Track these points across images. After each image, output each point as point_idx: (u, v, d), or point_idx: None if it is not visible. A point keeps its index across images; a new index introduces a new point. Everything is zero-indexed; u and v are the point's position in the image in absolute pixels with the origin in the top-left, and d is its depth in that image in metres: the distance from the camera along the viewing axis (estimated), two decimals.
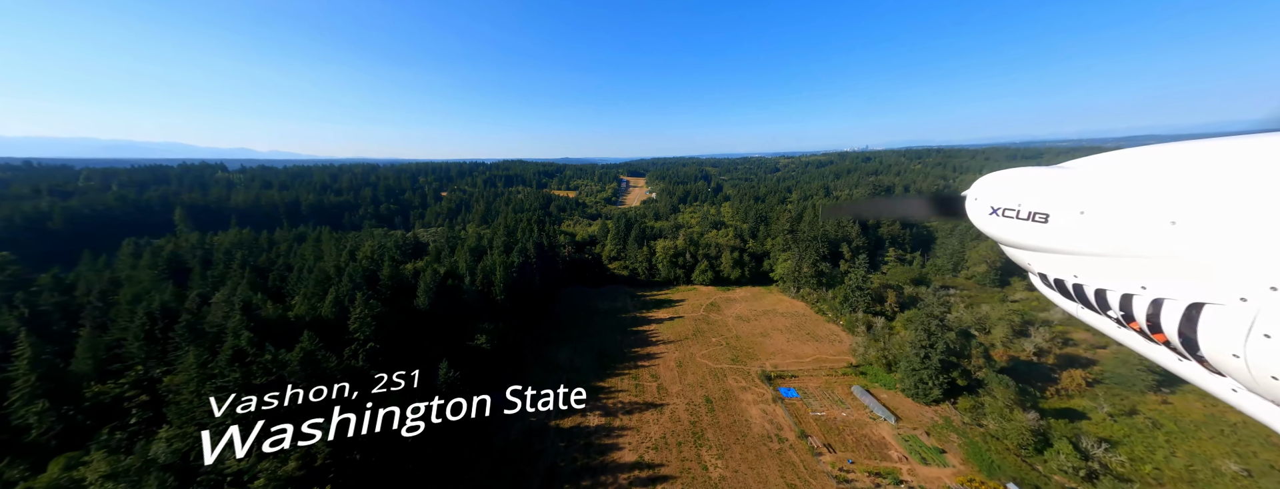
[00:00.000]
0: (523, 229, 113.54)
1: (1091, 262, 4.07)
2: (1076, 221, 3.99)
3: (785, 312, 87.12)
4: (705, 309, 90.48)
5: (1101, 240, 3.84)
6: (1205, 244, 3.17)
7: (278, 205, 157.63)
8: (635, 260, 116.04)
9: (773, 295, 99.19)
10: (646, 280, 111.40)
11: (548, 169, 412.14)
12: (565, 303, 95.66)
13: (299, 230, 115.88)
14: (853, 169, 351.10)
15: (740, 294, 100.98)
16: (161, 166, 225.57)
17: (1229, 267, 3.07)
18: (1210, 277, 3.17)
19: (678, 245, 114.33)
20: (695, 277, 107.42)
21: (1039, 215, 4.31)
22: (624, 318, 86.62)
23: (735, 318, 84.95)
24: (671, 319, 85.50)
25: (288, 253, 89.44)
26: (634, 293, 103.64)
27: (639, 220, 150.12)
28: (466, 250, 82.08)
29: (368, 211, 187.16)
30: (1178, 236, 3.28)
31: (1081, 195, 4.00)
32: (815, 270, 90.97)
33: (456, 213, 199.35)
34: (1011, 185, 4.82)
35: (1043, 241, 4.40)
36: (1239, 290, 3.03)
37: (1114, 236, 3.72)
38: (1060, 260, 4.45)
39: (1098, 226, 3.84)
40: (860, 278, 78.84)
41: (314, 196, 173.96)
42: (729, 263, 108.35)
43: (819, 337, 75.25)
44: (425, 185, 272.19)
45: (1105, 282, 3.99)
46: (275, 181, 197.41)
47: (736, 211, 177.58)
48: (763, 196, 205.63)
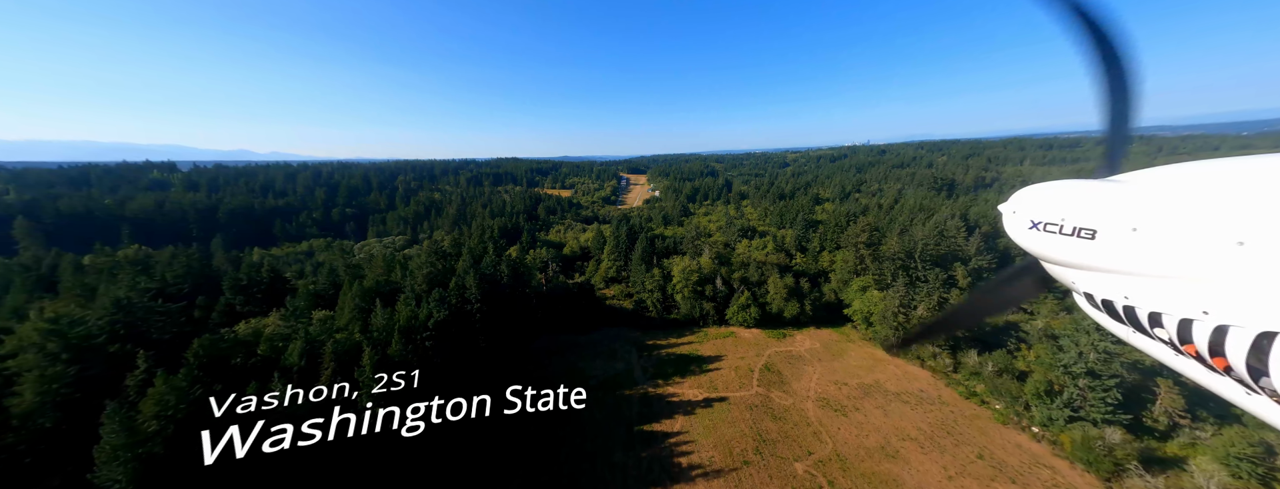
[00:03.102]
0: (478, 244, 76.70)
1: (1145, 282, 3.61)
2: (1128, 239, 3.60)
3: (900, 389, 50.58)
4: (759, 379, 54.39)
5: (1157, 260, 3.42)
6: (1278, 267, 2.77)
7: (185, 211, 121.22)
8: (642, 287, 79.90)
9: (854, 346, 62.92)
10: (659, 317, 75.26)
11: (542, 167, 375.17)
12: (535, 363, 59.84)
13: (128, 250, 79.12)
14: (872, 163, 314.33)
15: (803, 343, 64.78)
16: (88, 166, 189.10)
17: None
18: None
19: (702, 266, 78.04)
20: (732, 314, 71.03)
21: (1085, 231, 3.94)
22: (626, 400, 50.63)
23: (818, 402, 48.76)
24: (707, 403, 49.41)
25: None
26: (642, 342, 67.45)
27: (644, 227, 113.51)
28: (353, 297, 45.61)
29: (315, 217, 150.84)
30: (1245, 259, 2.89)
31: (1135, 210, 3.61)
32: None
33: (424, 217, 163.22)
34: (1054, 199, 4.40)
35: (1089, 260, 4.01)
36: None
37: (1171, 257, 3.32)
38: (1109, 280, 3.95)
39: (1153, 245, 3.43)
40: (1089, 349, 41.20)
41: (243, 200, 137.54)
42: (780, 293, 72.03)
43: (1006, 465, 38.63)
44: (401, 186, 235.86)
45: (1160, 305, 3.49)
46: (203, 183, 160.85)
47: (765, 213, 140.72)
48: (788, 193, 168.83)
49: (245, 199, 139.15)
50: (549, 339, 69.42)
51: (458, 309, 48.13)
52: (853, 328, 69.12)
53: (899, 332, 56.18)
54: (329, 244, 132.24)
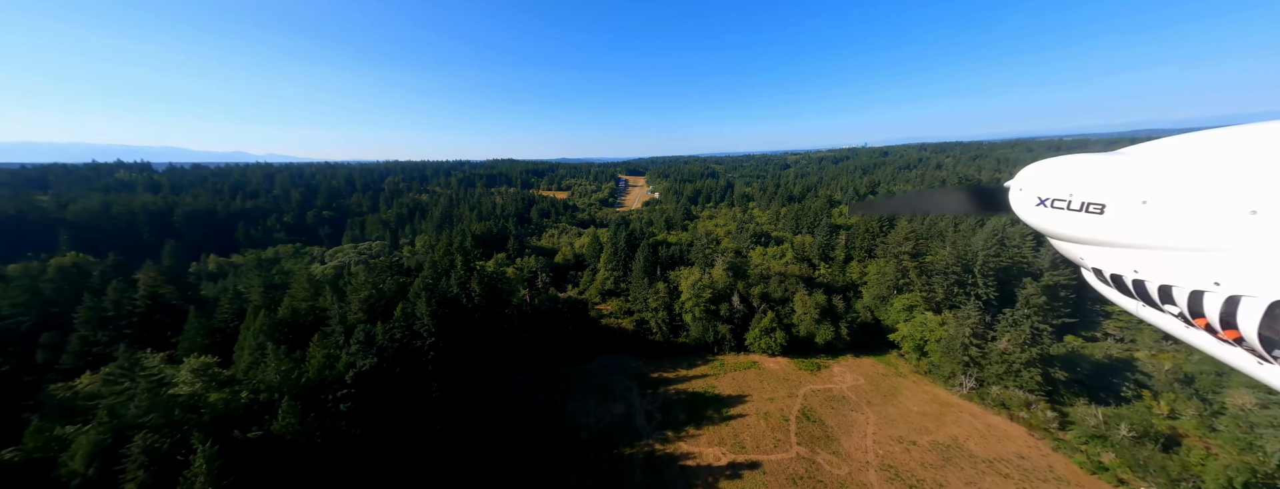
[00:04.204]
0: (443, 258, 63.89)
1: (1155, 255, 3.53)
2: (1138, 212, 3.44)
3: (991, 454, 37.69)
4: (797, 431, 41.87)
5: (1167, 232, 3.31)
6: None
7: (136, 215, 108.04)
8: (645, 305, 67.46)
9: (908, 383, 50.49)
10: (665, 342, 62.79)
11: (538, 168, 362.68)
12: (512, 406, 47.29)
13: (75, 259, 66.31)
14: (876, 164, 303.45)
15: (843, 378, 52.30)
16: (49, 167, 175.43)
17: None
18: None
19: (715, 280, 65.63)
20: (753, 339, 58.49)
21: (1094, 206, 3.75)
22: (626, 463, 38.06)
23: (882, 471, 36.20)
24: (734, 471, 36.81)
25: None
26: (645, 373, 54.96)
27: (645, 232, 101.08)
28: (256, 334, 32.92)
29: (287, 220, 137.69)
30: (1259, 227, 2.80)
31: (1144, 183, 3.43)
32: (1037, 354, 41.44)
33: (407, 221, 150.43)
34: (1062, 174, 4.11)
35: (1098, 235, 3.83)
36: None
37: (1182, 228, 3.21)
38: (1118, 254, 3.83)
39: (1163, 217, 3.31)
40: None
41: (205, 202, 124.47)
42: (810, 313, 59.59)
43: None
44: (388, 187, 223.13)
45: (1171, 277, 3.44)
46: (166, 184, 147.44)
47: (777, 217, 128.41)
48: (798, 195, 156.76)
49: (208, 201, 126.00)
50: (534, 370, 56.94)
51: (402, 347, 35.58)
52: (899, 356, 56.85)
53: (973, 368, 43.86)
54: (297, 250, 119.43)
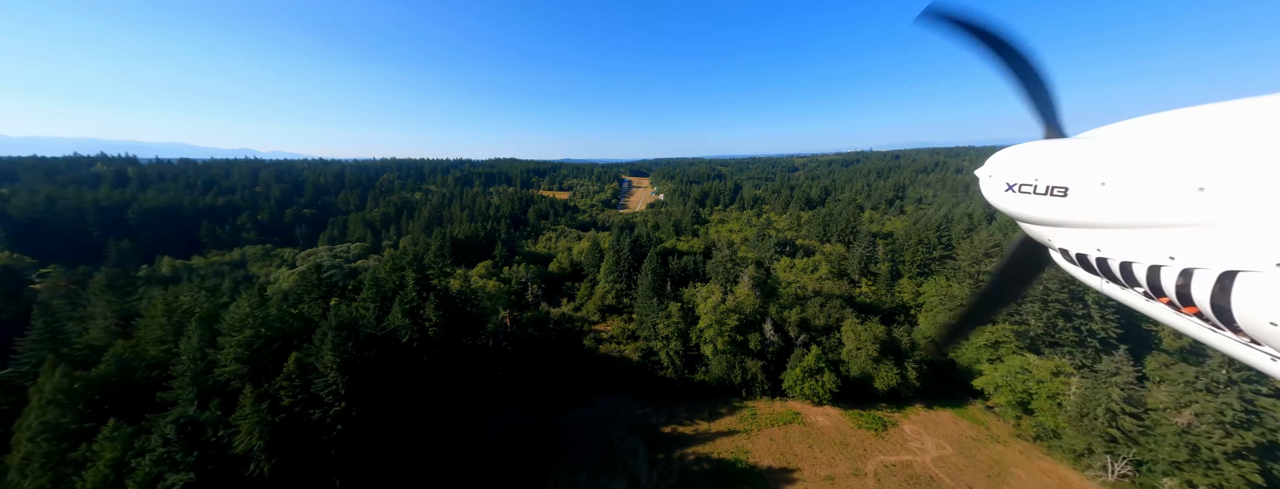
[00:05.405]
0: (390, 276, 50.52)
1: (1115, 234, 3.66)
2: (1098, 193, 3.60)
3: None
4: None
5: (1124, 211, 3.46)
6: (1236, 209, 2.83)
7: (84, 211, 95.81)
8: (654, 332, 54.30)
9: (1012, 454, 36.93)
10: (679, 379, 49.64)
11: (540, 168, 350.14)
12: (477, 469, 34.34)
13: None
14: (891, 168, 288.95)
15: (921, 443, 39.07)
16: (17, 160, 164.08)
17: (1263, 231, 2.76)
18: (1243, 243, 2.86)
19: (741, 302, 52.43)
20: (793, 382, 45.13)
21: (1058, 189, 3.92)
22: None
23: None
24: None
25: None
26: (654, 426, 41.77)
27: (652, 238, 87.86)
28: (46, 405, 20.78)
29: (261, 219, 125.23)
30: (1206, 203, 2.95)
31: (1102, 165, 3.62)
32: (1256, 442, 27.73)
33: (394, 220, 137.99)
34: (1028, 159, 4.35)
35: (1063, 216, 4.00)
36: (1275, 256, 2.73)
37: (1137, 206, 3.35)
38: (1082, 234, 3.99)
39: (1120, 197, 3.45)
40: None
41: (169, 198, 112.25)
42: (866, 349, 46.24)
43: None
44: (381, 185, 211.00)
45: (1130, 254, 3.58)
46: (134, 177, 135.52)
47: (797, 222, 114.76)
48: (818, 199, 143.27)
49: (173, 197, 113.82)
50: (514, 413, 44.08)
51: (287, 425, 22.71)
52: (988, 409, 43.57)
53: (1125, 447, 30.64)
54: (266, 252, 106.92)
